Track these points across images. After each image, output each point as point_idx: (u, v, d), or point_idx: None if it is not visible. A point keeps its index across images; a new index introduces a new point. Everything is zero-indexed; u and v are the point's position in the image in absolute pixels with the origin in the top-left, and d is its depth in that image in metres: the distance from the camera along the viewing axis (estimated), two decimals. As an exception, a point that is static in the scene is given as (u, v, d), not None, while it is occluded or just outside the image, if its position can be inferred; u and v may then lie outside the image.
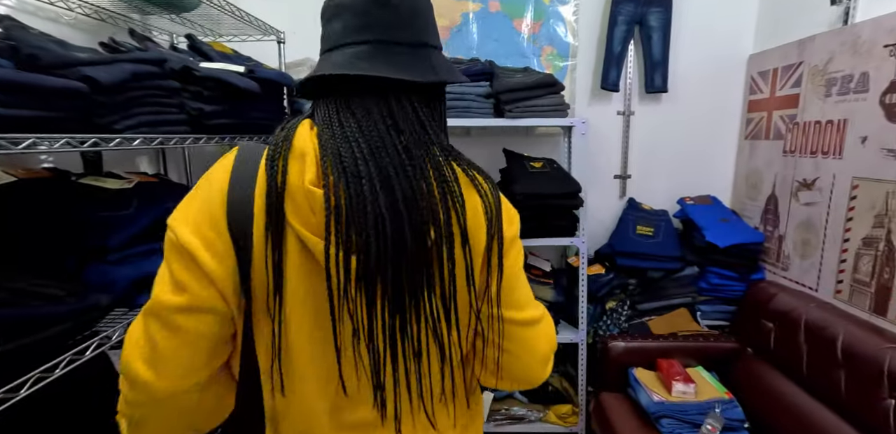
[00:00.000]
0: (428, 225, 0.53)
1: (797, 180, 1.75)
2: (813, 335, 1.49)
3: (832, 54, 1.57)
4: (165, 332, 0.53)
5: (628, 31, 1.99)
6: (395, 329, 0.54)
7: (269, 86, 1.52)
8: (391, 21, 0.57)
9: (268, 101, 1.55)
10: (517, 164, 1.89)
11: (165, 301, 0.53)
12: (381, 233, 0.51)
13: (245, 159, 0.56)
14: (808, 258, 1.69)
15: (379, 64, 0.56)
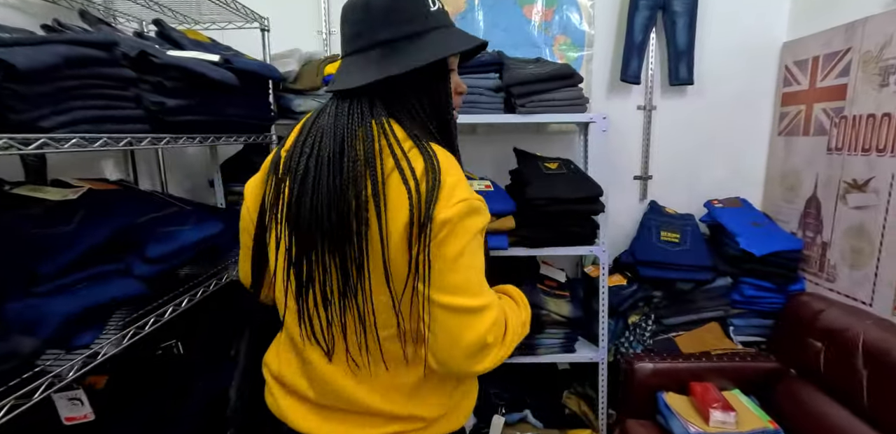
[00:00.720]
0: (348, 204, 0.62)
1: (845, 181, 1.56)
2: (875, 359, 1.30)
3: (889, 38, 1.38)
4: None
5: (650, 17, 1.80)
6: (301, 282, 0.67)
7: (250, 78, 1.33)
8: (346, 36, 0.70)
9: (249, 96, 1.36)
10: (530, 164, 1.70)
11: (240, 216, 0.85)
12: (304, 213, 0.64)
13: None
14: (860, 269, 1.50)
15: (338, 77, 0.70)
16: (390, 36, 0.66)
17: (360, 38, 0.68)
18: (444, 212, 0.61)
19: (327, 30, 1.88)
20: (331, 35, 1.89)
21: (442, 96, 0.71)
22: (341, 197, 0.62)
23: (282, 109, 1.60)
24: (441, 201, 0.61)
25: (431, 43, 0.67)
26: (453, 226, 0.61)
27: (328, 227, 0.62)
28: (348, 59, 0.70)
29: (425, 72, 0.67)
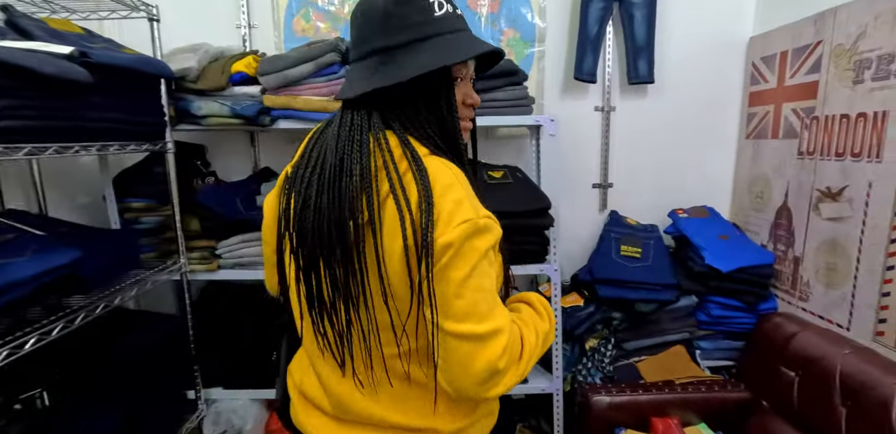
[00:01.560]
0: (346, 223, 0.61)
1: (818, 189, 1.40)
2: (854, 396, 1.14)
3: (864, 29, 1.23)
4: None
5: (606, 9, 1.63)
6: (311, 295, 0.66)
7: (125, 76, 1.12)
8: (351, 41, 0.69)
9: (126, 97, 1.15)
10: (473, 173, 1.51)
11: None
12: (307, 227, 0.63)
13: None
14: (837, 288, 1.34)
15: (343, 85, 0.69)
16: (386, 43, 0.64)
17: (362, 45, 0.66)
18: (446, 235, 0.58)
19: (247, 23, 1.67)
20: (251, 28, 1.68)
21: (443, 109, 0.66)
22: (339, 215, 0.61)
23: (181, 113, 1.39)
24: (440, 225, 0.59)
25: (428, 52, 0.63)
26: (457, 249, 0.59)
27: (329, 242, 0.62)
28: (353, 65, 0.68)
29: (424, 82, 0.63)
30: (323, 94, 1.38)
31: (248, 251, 1.50)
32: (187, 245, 1.47)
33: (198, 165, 1.64)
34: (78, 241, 1.14)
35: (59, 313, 1.02)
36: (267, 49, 1.66)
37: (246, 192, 1.57)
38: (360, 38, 0.66)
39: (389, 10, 0.62)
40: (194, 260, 1.49)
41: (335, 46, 1.36)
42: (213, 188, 1.56)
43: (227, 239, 1.50)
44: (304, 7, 1.68)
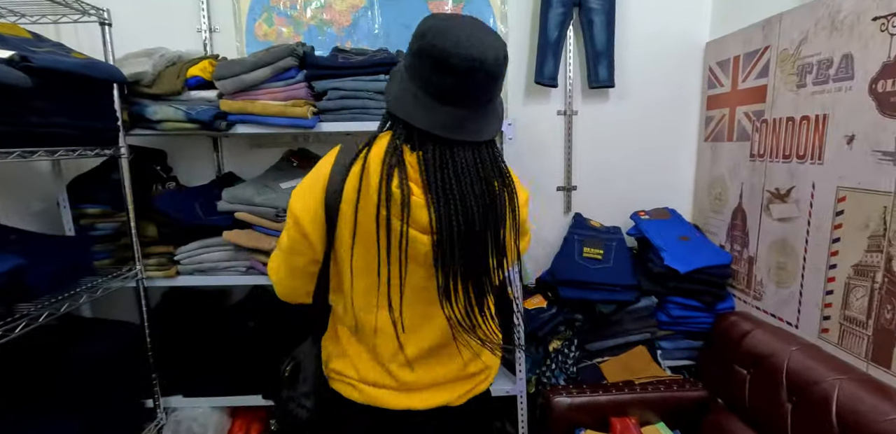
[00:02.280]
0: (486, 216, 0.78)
1: (768, 190, 1.44)
2: (800, 392, 1.16)
3: (805, 35, 1.27)
4: (282, 259, 0.89)
5: (566, 13, 1.65)
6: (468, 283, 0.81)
7: (72, 80, 1.11)
8: (476, 89, 0.75)
9: (68, 101, 1.13)
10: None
11: (282, 242, 0.87)
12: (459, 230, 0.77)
13: (340, 162, 0.81)
14: (786, 286, 1.38)
15: (465, 130, 0.76)
16: (497, 94, 0.79)
17: (486, 95, 0.76)
18: (525, 207, 0.89)
19: (208, 27, 1.67)
20: (212, 33, 1.68)
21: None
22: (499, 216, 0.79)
23: (135, 117, 1.38)
24: (524, 211, 0.89)
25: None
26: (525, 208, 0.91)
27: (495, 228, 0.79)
28: (477, 110, 0.76)
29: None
30: (281, 99, 1.38)
31: (208, 257, 1.49)
32: (144, 251, 1.45)
33: (158, 171, 1.62)
34: (25, 249, 1.12)
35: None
36: (229, 54, 1.65)
37: (207, 197, 1.56)
38: (487, 90, 0.75)
39: (503, 70, 0.75)
40: (151, 266, 1.47)
41: (292, 51, 1.36)
42: (171, 194, 1.54)
43: (185, 245, 1.49)
44: (267, 12, 1.68)
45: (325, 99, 1.41)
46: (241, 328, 1.67)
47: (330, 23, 1.69)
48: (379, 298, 0.81)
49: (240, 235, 1.45)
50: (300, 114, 1.36)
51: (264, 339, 1.61)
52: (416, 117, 0.74)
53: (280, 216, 1.46)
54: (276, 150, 1.78)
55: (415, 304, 0.84)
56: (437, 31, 0.70)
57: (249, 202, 1.47)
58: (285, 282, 0.90)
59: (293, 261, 0.86)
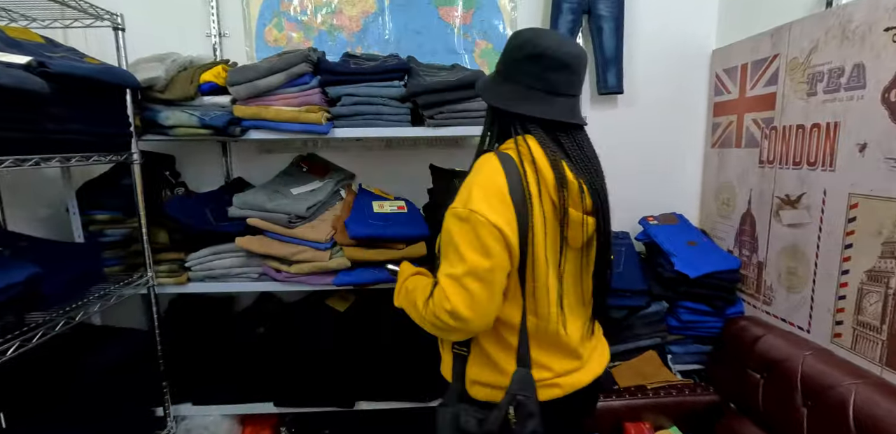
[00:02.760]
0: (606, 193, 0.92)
1: (778, 196, 1.46)
2: (815, 396, 1.18)
3: (815, 43, 1.29)
4: (480, 285, 0.81)
5: (575, 21, 1.67)
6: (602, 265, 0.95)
7: (87, 86, 1.10)
8: (574, 79, 0.88)
9: (89, 107, 1.12)
10: (447, 183, 1.52)
11: (480, 264, 0.80)
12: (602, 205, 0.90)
13: (505, 161, 0.84)
14: (797, 292, 1.39)
15: (578, 116, 0.90)
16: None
17: (582, 82, 0.89)
18: None
19: (217, 32, 1.66)
20: (221, 37, 1.67)
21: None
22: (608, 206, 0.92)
23: (147, 122, 1.37)
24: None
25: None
26: None
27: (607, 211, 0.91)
28: (572, 99, 0.88)
29: None
30: (295, 105, 1.38)
31: (219, 263, 1.48)
32: (155, 258, 1.44)
33: (167, 176, 1.61)
34: (37, 256, 1.10)
35: (16, 332, 0.99)
36: (238, 58, 1.65)
37: (217, 203, 1.55)
38: (582, 80, 0.89)
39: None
40: (162, 273, 1.46)
41: (306, 57, 1.35)
42: (181, 199, 1.53)
43: (196, 251, 1.47)
44: (277, 17, 1.67)
45: (338, 105, 1.40)
46: (249, 334, 1.66)
47: (340, 28, 1.69)
48: (564, 287, 0.89)
49: (252, 242, 1.44)
50: (314, 120, 1.35)
51: (274, 345, 1.60)
52: (545, 111, 0.85)
53: (293, 222, 1.45)
54: (286, 155, 1.77)
55: (576, 284, 0.93)
56: (537, 39, 0.85)
57: (261, 208, 1.46)
58: (487, 309, 0.82)
59: (497, 279, 0.82)
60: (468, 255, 0.80)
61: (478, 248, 0.80)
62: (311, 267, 1.43)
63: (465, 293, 0.80)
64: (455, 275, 0.81)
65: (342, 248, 1.46)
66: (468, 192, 0.82)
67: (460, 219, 0.81)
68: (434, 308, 0.83)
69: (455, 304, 0.80)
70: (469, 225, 0.80)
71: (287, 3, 1.66)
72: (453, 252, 0.82)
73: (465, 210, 0.80)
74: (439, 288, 0.83)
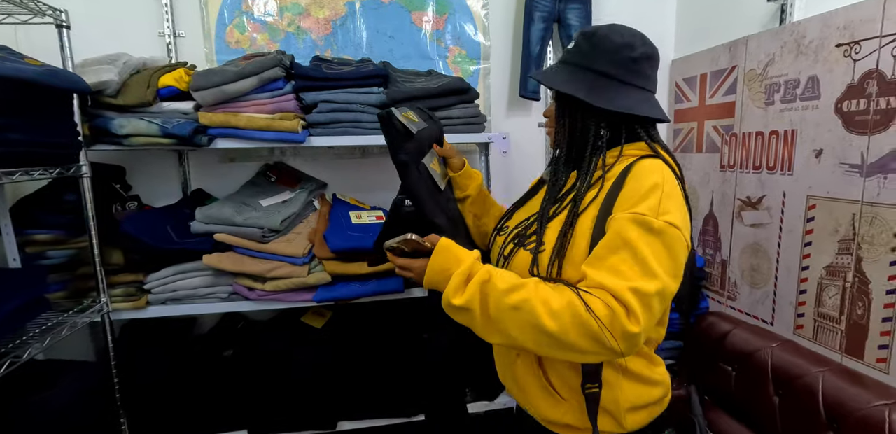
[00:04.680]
0: None
1: (739, 198, 1.55)
2: (785, 385, 1.26)
3: (771, 57, 1.39)
4: (661, 308, 0.69)
5: (546, 29, 1.70)
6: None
7: (29, 90, 0.96)
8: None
9: (24, 115, 0.98)
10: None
11: (671, 287, 0.69)
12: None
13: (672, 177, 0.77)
14: (760, 287, 1.49)
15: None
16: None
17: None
18: None
19: (172, 31, 1.53)
20: (176, 38, 1.54)
21: None
22: None
23: (97, 131, 1.23)
24: None
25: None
26: None
27: None
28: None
29: None
30: (267, 111, 1.29)
31: (184, 283, 1.36)
32: (109, 280, 1.29)
33: (117, 189, 1.46)
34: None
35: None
36: (196, 61, 1.52)
37: (177, 218, 1.42)
38: None
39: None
40: (117, 297, 1.32)
41: (279, 60, 1.28)
42: (138, 215, 1.39)
43: (156, 271, 1.34)
44: (239, 17, 1.57)
45: (314, 111, 1.34)
46: (215, 358, 1.54)
47: (308, 31, 1.61)
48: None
49: (222, 259, 1.33)
50: (290, 127, 1.28)
51: (243, 368, 1.49)
52: (664, 114, 0.83)
53: (267, 236, 1.36)
54: (250, 164, 1.66)
55: None
56: (643, 38, 0.81)
57: (229, 222, 1.35)
58: (653, 322, 0.69)
59: (673, 289, 0.70)
60: (660, 272, 0.67)
61: (670, 268, 0.69)
62: (289, 283, 1.35)
63: (651, 316, 0.67)
64: (645, 292, 0.66)
65: (321, 262, 1.39)
66: (657, 199, 0.70)
67: (650, 229, 0.68)
68: (609, 327, 0.65)
69: (645, 328, 0.65)
70: (662, 239, 0.69)
71: (249, 2, 1.56)
72: (638, 264, 0.67)
73: (659, 221, 0.69)
74: (619, 303, 0.66)
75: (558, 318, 0.66)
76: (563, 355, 0.70)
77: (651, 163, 0.77)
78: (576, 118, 0.82)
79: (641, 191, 0.72)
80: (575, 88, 0.79)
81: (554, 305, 0.67)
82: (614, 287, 0.66)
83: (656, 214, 0.69)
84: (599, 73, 0.79)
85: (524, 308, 0.67)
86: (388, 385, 1.50)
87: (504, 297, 0.68)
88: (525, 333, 0.68)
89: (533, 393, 0.84)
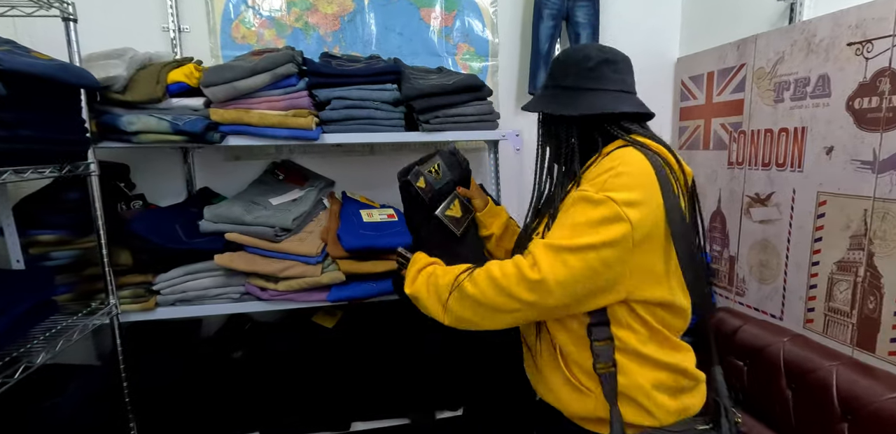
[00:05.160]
0: None
1: (748, 195, 1.57)
2: (798, 379, 1.28)
3: (781, 55, 1.40)
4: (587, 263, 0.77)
5: (555, 27, 1.69)
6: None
7: (41, 86, 0.93)
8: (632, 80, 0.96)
9: (35, 111, 0.95)
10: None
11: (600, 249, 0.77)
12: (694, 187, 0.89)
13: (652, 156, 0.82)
14: (769, 283, 1.51)
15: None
16: None
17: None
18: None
19: (176, 26, 1.49)
20: (180, 32, 1.50)
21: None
22: None
23: (104, 128, 1.19)
24: None
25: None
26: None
27: None
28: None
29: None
30: (280, 108, 1.27)
31: (195, 284, 1.32)
32: (117, 282, 1.25)
33: (121, 187, 1.42)
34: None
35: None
36: (201, 56, 1.49)
37: (185, 217, 1.39)
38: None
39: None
40: (126, 299, 1.28)
41: (292, 57, 1.25)
42: (146, 214, 1.35)
43: (165, 272, 1.31)
44: (245, 12, 1.53)
45: (328, 108, 1.31)
46: (224, 360, 1.51)
47: (316, 26, 1.59)
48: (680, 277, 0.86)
49: (234, 259, 1.30)
50: (304, 124, 1.25)
51: (253, 369, 1.47)
52: (640, 107, 0.91)
53: (279, 235, 1.33)
54: (256, 162, 1.64)
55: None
56: (598, 49, 0.90)
57: (239, 221, 1.32)
58: (570, 274, 0.77)
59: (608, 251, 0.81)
60: (586, 232, 0.79)
61: (594, 232, 0.81)
62: (302, 283, 1.33)
63: (566, 268, 0.78)
64: (557, 245, 0.79)
65: (334, 261, 1.37)
66: (606, 178, 0.79)
67: (590, 201, 0.80)
68: (515, 278, 0.79)
69: (551, 277, 0.78)
70: (598, 209, 0.79)
71: (255, -3, 1.53)
72: (567, 228, 0.79)
73: (600, 195, 0.78)
74: (523, 259, 0.78)
75: (477, 284, 0.80)
76: (499, 319, 0.80)
77: (620, 152, 0.82)
78: (549, 133, 0.92)
79: (597, 174, 0.80)
80: (542, 105, 0.90)
81: (475, 275, 0.81)
82: (532, 246, 0.78)
83: (599, 190, 0.77)
84: (563, 87, 0.89)
85: (453, 284, 0.82)
86: (403, 384, 1.48)
87: (440, 280, 0.85)
88: (465, 307, 0.81)
89: (559, 389, 0.87)
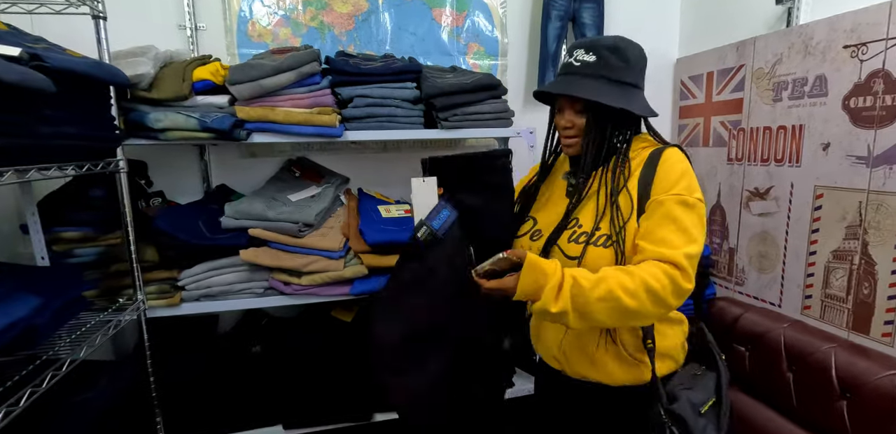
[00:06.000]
0: None
1: (747, 189, 1.65)
2: (798, 361, 1.36)
3: (779, 57, 1.48)
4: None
5: (562, 27, 1.75)
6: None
7: (78, 83, 0.94)
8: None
9: (78, 108, 0.96)
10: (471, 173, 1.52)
11: (701, 248, 0.86)
12: None
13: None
14: (768, 272, 1.60)
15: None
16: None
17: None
18: None
19: (192, 24, 1.50)
20: (197, 30, 1.51)
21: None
22: None
23: (131, 124, 1.20)
24: None
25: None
26: None
27: None
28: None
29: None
30: (304, 106, 1.29)
31: (219, 280, 1.34)
32: (143, 278, 1.27)
33: (141, 185, 1.43)
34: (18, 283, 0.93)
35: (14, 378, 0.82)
36: (217, 54, 1.50)
37: (207, 214, 1.40)
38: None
39: None
40: (152, 295, 1.29)
41: (317, 56, 1.28)
42: (168, 211, 1.36)
43: (190, 268, 1.33)
44: (261, 10, 1.55)
45: (350, 106, 1.34)
46: (244, 355, 1.53)
47: (331, 26, 1.61)
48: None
49: (259, 254, 1.33)
50: (328, 122, 1.28)
51: (273, 363, 1.50)
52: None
53: (302, 231, 1.36)
54: (271, 159, 1.65)
55: None
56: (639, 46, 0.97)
57: (261, 217, 1.35)
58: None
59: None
60: (698, 238, 0.85)
61: (702, 233, 0.86)
62: (325, 277, 1.36)
63: (694, 271, 0.83)
64: (693, 254, 0.83)
65: (357, 255, 1.40)
66: (688, 181, 0.87)
67: (687, 205, 0.85)
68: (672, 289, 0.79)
69: (693, 285, 0.82)
70: (695, 211, 0.86)
71: (271, -5, 1.55)
72: (684, 234, 0.83)
73: (693, 198, 0.86)
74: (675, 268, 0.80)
75: (636, 296, 0.79)
76: (634, 322, 0.87)
77: (674, 152, 0.91)
78: (606, 126, 0.93)
79: (674, 176, 0.87)
80: (626, 103, 0.90)
81: (630, 287, 0.79)
82: (671, 255, 0.81)
83: (690, 193, 0.86)
84: (630, 84, 0.93)
85: (609, 297, 0.79)
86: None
87: (591, 294, 0.80)
88: (612, 317, 0.81)
89: (609, 363, 0.94)
